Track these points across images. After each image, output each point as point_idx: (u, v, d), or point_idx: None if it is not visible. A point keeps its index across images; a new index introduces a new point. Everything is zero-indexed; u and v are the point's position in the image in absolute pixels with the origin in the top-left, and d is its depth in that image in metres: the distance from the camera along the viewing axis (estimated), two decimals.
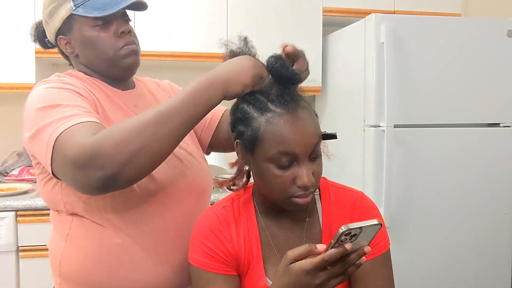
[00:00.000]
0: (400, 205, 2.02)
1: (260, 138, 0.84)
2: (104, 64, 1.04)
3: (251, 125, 0.85)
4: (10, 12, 2.19)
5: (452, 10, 2.61)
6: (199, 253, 0.92)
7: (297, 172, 0.83)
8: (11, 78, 2.20)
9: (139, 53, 1.08)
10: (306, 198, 0.85)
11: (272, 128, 0.82)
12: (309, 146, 0.83)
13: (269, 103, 0.84)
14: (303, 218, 0.95)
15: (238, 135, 0.89)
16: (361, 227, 0.70)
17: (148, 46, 2.30)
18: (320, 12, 2.46)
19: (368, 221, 0.71)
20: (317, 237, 0.94)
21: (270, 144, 0.83)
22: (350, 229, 0.69)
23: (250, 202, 0.97)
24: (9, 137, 2.55)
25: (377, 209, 0.98)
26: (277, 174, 0.84)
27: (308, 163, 0.84)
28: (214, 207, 0.98)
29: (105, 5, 0.98)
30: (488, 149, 2.11)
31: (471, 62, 2.08)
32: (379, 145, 1.98)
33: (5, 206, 1.91)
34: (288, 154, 0.82)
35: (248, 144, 0.86)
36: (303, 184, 0.83)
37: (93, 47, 1.02)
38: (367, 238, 0.73)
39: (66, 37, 1.05)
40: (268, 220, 0.95)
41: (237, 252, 0.92)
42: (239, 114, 0.88)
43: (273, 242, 0.94)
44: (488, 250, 2.13)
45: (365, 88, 2.07)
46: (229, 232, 0.93)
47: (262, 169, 0.85)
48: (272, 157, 0.83)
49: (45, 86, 0.96)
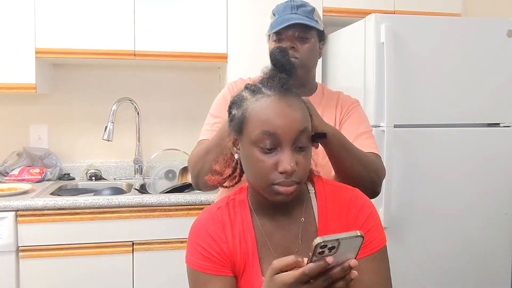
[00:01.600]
0: (400, 205, 2.01)
1: (247, 118, 0.87)
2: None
3: (242, 106, 0.90)
4: (10, 12, 2.19)
5: (452, 10, 2.61)
6: (195, 255, 0.93)
7: (279, 158, 0.84)
8: (11, 78, 2.20)
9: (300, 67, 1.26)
10: (288, 187, 0.85)
11: (258, 108, 0.86)
12: (293, 130, 0.84)
13: (262, 87, 0.89)
14: (299, 217, 0.95)
15: (231, 120, 0.93)
16: (338, 239, 0.66)
17: (148, 46, 2.31)
18: (320, 12, 2.46)
19: (348, 232, 0.68)
20: (313, 236, 0.94)
21: (254, 125, 0.85)
22: (326, 241, 0.66)
23: (245, 202, 0.97)
24: (9, 137, 2.55)
25: (373, 206, 0.97)
26: (260, 158, 0.85)
27: (292, 151, 0.84)
28: (209, 208, 0.99)
29: (276, 25, 1.28)
30: (488, 149, 2.11)
31: (471, 62, 2.08)
32: (379, 145, 1.96)
33: (5, 206, 1.91)
34: (270, 134, 0.83)
35: (237, 127, 0.89)
36: (284, 169, 0.83)
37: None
38: (352, 250, 0.70)
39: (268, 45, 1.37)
40: (264, 220, 0.95)
41: (232, 252, 0.92)
42: (236, 98, 0.93)
43: (269, 241, 0.94)
44: (488, 250, 2.13)
45: (365, 88, 2.07)
46: (224, 232, 0.93)
47: (248, 153, 0.87)
48: (256, 138, 0.85)
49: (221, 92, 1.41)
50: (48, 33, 2.22)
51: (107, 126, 2.39)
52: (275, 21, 1.29)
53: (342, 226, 0.94)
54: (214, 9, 2.35)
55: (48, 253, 1.96)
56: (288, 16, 1.27)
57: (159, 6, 2.31)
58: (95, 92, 2.63)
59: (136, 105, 2.58)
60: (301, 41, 1.28)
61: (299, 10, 1.28)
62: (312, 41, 1.31)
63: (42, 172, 2.42)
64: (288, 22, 1.25)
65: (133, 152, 2.63)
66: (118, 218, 2.01)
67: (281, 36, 1.28)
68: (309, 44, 1.29)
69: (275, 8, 1.34)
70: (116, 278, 2.02)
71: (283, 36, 1.28)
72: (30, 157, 2.49)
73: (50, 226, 1.96)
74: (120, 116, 2.53)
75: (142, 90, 2.67)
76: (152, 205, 2.04)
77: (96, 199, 2.00)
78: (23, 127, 2.57)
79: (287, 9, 1.29)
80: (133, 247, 2.03)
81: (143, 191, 2.27)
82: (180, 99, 2.71)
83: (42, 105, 2.58)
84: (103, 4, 2.26)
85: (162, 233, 2.05)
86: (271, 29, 1.30)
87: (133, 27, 2.29)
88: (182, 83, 2.72)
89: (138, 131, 2.62)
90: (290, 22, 1.25)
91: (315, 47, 1.32)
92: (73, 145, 2.62)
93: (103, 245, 2.01)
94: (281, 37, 1.29)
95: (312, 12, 1.31)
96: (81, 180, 2.54)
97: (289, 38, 1.28)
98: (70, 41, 2.24)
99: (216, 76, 2.73)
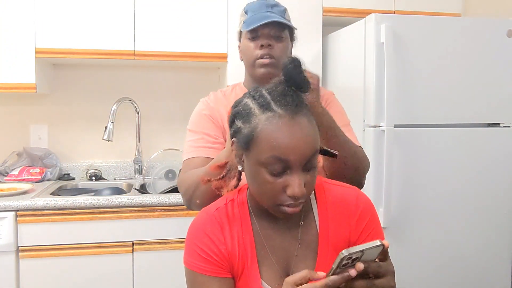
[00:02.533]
0: (400, 205, 2.01)
1: (256, 137, 0.82)
2: (249, 70, 1.32)
3: (250, 121, 0.84)
4: (10, 12, 2.19)
5: (452, 10, 2.61)
6: (193, 256, 0.92)
7: (289, 181, 0.82)
8: (11, 78, 2.20)
9: (276, 66, 1.25)
10: (296, 208, 0.84)
11: (269, 129, 0.81)
12: (304, 156, 0.81)
13: (272, 102, 0.83)
14: (298, 220, 0.94)
15: (235, 132, 0.88)
16: (363, 250, 0.68)
17: (148, 46, 2.31)
18: (320, 12, 2.46)
19: (370, 242, 0.70)
20: (313, 239, 0.93)
21: (264, 147, 0.81)
22: (351, 253, 0.67)
23: (245, 204, 0.96)
24: (9, 137, 2.55)
25: (373, 207, 0.97)
26: (269, 180, 0.82)
27: (301, 173, 0.82)
28: (208, 208, 0.97)
29: (252, 22, 1.26)
30: (488, 149, 2.11)
31: (471, 62, 2.08)
32: (379, 145, 1.98)
33: (5, 206, 1.91)
34: (281, 160, 0.80)
35: (243, 143, 0.85)
36: (294, 194, 0.81)
37: (244, 53, 1.32)
38: (372, 258, 0.72)
39: (240, 43, 1.36)
40: (263, 222, 0.94)
41: (231, 254, 0.91)
42: (241, 108, 0.87)
43: (268, 244, 0.93)
44: (488, 250, 2.13)
45: (365, 88, 2.07)
46: (223, 234, 0.92)
47: (254, 172, 0.84)
48: (265, 161, 0.81)
49: (196, 109, 1.38)
50: (48, 33, 2.22)
51: (107, 126, 2.39)
52: (250, 18, 1.27)
53: (343, 228, 0.94)
54: (214, 9, 2.35)
55: (48, 253, 1.96)
56: (265, 14, 1.26)
57: (159, 6, 2.31)
58: (95, 92, 2.63)
59: (136, 105, 2.58)
60: (276, 40, 1.27)
61: (274, 9, 1.28)
62: (286, 40, 1.31)
63: (42, 172, 2.42)
64: (267, 20, 1.24)
65: (133, 152, 2.63)
66: (118, 218, 2.01)
67: (257, 33, 1.27)
68: (283, 43, 1.29)
69: (246, 6, 1.32)
70: (116, 278, 2.02)
71: (259, 34, 1.27)
72: (30, 157, 2.49)
73: (50, 226, 1.96)
74: (120, 116, 2.53)
75: (142, 90, 2.67)
76: (152, 205, 2.04)
77: (96, 199, 2.00)
78: (23, 127, 2.57)
79: (263, 8, 1.28)
80: (133, 247, 2.03)
81: (143, 191, 2.27)
82: (180, 99, 2.71)
83: (42, 105, 2.58)
84: (103, 4, 2.26)
85: (162, 233, 2.05)
86: (246, 26, 1.27)
87: (133, 27, 2.29)
88: (182, 83, 2.71)
89: (138, 131, 2.62)
90: (269, 20, 1.24)
91: (288, 46, 1.33)
92: (73, 145, 2.62)
93: (103, 245, 2.01)
94: (256, 34, 1.27)
95: (284, 12, 1.31)
96: (81, 180, 2.54)
97: (265, 36, 1.26)
98: (70, 41, 2.24)
99: (216, 76, 2.73)
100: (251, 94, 0.88)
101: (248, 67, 1.32)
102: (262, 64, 1.27)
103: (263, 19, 1.25)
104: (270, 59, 1.26)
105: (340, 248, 0.92)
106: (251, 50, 1.28)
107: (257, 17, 1.26)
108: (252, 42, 1.28)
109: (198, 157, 1.26)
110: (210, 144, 1.28)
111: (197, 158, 1.26)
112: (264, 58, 1.26)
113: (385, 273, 0.75)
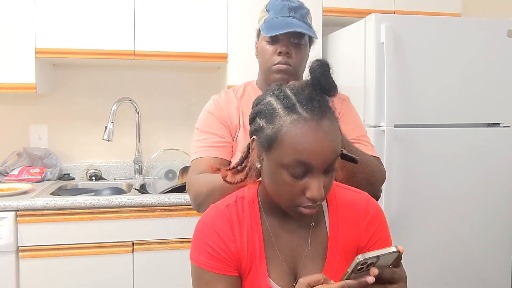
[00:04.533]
0: (400, 205, 2.02)
1: (280, 139, 0.81)
2: (264, 72, 1.31)
3: (274, 122, 0.82)
4: (10, 12, 2.19)
5: (452, 10, 2.61)
6: (200, 253, 0.91)
7: (309, 184, 0.82)
8: (11, 78, 2.20)
9: (292, 73, 1.27)
10: (313, 209, 0.85)
11: (294, 133, 0.80)
12: (326, 161, 0.81)
13: (297, 104, 0.82)
14: (308, 221, 0.94)
15: (257, 130, 0.87)
16: (378, 256, 0.69)
17: (148, 46, 2.31)
18: (320, 12, 2.46)
19: (386, 248, 0.70)
20: (323, 240, 0.94)
21: (288, 150, 0.80)
22: (367, 258, 0.68)
23: (255, 202, 0.95)
24: (9, 137, 2.55)
25: (382, 212, 0.98)
26: (289, 181, 0.82)
27: (321, 176, 0.82)
28: (217, 205, 0.96)
29: (273, 28, 1.24)
30: (488, 149, 2.11)
31: (471, 62, 2.08)
32: (379, 145, 1.98)
33: (5, 206, 1.91)
34: (304, 164, 0.80)
35: (265, 142, 0.84)
36: (313, 197, 0.81)
37: (261, 55, 1.31)
38: (384, 264, 0.73)
39: (257, 42, 1.35)
40: (273, 221, 0.94)
41: (239, 252, 0.91)
42: (264, 107, 0.86)
43: (277, 243, 0.93)
44: (488, 250, 2.13)
45: (365, 88, 2.07)
46: (232, 231, 0.91)
47: (274, 172, 0.84)
48: (287, 164, 0.81)
49: (205, 107, 1.37)
50: (48, 33, 2.22)
51: (107, 126, 2.39)
52: (272, 21, 1.24)
53: (352, 232, 0.94)
54: (214, 9, 2.35)
55: (48, 253, 1.96)
56: (288, 20, 1.23)
57: (159, 6, 2.31)
58: (95, 92, 2.63)
59: (136, 105, 2.58)
60: (295, 47, 1.26)
61: (297, 14, 1.25)
62: (305, 48, 1.29)
63: (42, 172, 2.42)
64: (290, 29, 1.21)
65: (133, 152, 2.63)
66: (118, 218, 2.01)
67: (277, 38, 1.25)
68: (302, 50, 1.28)
69: (269, 3, 1.29)
70: (116, 278, 2.02)
71: (279, 38, 1.25)
72: (30, 157, 2.49)
73: (50, 226, 1.96)
74: (120, 116, 2.53)
75: (142, 90, 2.67)
76: (152, 205, 2.04)
77: (96, 199, 2.00)
78: (23, 127, 2.57)
79: (285, 11, 1.25)
80: (133, 247, 2.03)
81: (143, 191, 2.27)
82: (180, 99, 2.71)
83: (42, 105, 2.58)
84: (103, 4, 2.26)
85: (162, 233, 2.05)
86: (266, 30, 1.25)
87: (133, 27, 2.29)
88: (182, 83, 2.71)
89: (138, 131, 2.62)
90: (292, 30, 1.21)
91: (307, 53, 1.31)
92: (73, 145, 2.62)
93: (103, 245, 2.01)
94: (276, 39, 1.25)
95: (307, 15, 1.29)
96: (81, 180, 2.54)
97: (285, 43, 1.25)
98: (70, 41, 2.24)
99: (216, 76, 2.73)
100: (275, 93, 0.86)
101: (263, 69, 1.31)
102: (279, 70, 1.25)
103: (284, 27, 1.22)
104: (287, 66, 1.25)
105: (349, 251, 0.93)
106: (268, 54, 1.26)
107: (278, 23, 1.23)
108: (271, 46, 1.26)
109: (206, 157, 1.27)
110: (217, 144, 1.28)
111: (205, 158, 1.27)
112: (281, 64, 1.25)
113: (399, 280, 0.77)
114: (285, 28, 1.21)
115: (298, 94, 0.84)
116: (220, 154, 1.27)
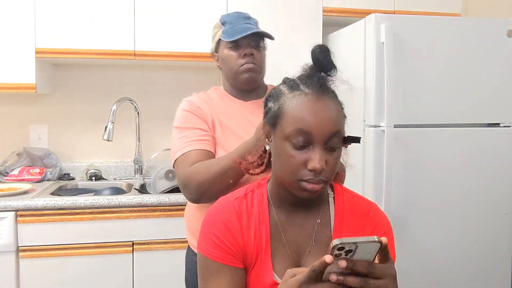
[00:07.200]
0: (400, 205, 2.01)
1: (282, 113, 0.88)
2: (231, 77, 1.39)
3: (279, 100, 0.90)
4: (10, 12, 2.19)
5: (452, 10, 2.61)
6: (208, 243, 0.93)
7: (310, 155, 0.85)
8: (11, 78, 2.20)
9: (258, 72, 1.38)
10: (315, 185, 0.86)
11: (295, 104, 0.86)
12: (326, 131, 0.84)
13: (300, 84, 0.89)
14: (315, 218, 0.96)
15: (266, 113, 0.94)
16: (356, 243, 0.66)
17: (148, 46, 2.31)
18: (320, 12, 2.46)
19: (367, 237, 0.67)
20: (326, 239, 0.94)
21: (289, 120, 0.86)
22: (344, 243, 0.66)
23: (264, 196, 0.97)
24: (9, 137, 2.55)
25: (389, 222, 0.99)
26: (291, 153, 0.86)
27: (323, 150, 0.85)
28: (227, 197, 0.99)
29: (234, 33, 1.35)
30: (488, 149, 2.11)
31: (471, 62, 2.08)
32: (379, 145, 1.98)
33: (5, 206, 1.91)
34: (304, 133, 0.84)
35: (271, 119, 0.90)
36: (313, 167, 0.84)
37: (226, 62, 1.39)
38: (369, 255, 0.69)
39: (217, 54, 1.44)
40: (281, 215, 0.96)
41: (246, 244, 0.92)
42: (273, 91, 0.94)
43: (283, 237, 0.94)
44: (488, 250, 2.13)
45: (365, 88, 2.07)
46: (240, 223, 0.93)
47: (279, 147, 0.88)
48: (289, 134, 0.85)
49: (181, 107, 1.43)
50: (48, 33, 2.22)
51: (107, 126, 2.39)
52: (232, 29, 1.35)
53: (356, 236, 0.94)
54: (214, 9, 2.35)
55: (48, 253, 1.96)
56: (246, 26, 1.35)
57: (159, 6, 2.31)
58: (95, 92, 2.63)
59: (136, 105, 2.58)
60: (256, 49, 1.37)
61: (251, 21, 1.40)
62: (264, 49, 1.42)
63: (42, 172, 2.42)
64: (250, 31, 1.33)
65: (133, 152, 2.63)
66: (118, 218, 2.01)
67: (238, 44, 1.36)
68: (262, 52, 1.40)
69: (222, 18, 1.42)
70: (116, 278, 2.02)
71: (240, 44, 1.36)
72: (30, 157, 2.49)
73: (50, 226, 1.96)
74: (120, 116, 2.53)
75: (142, 90, 2.67)
76: (152, 205, 2.04)
77: (96, 199, 2.00)
78: (23, 127, 2.57)
79: (240, 19, 1.38)
80: (133, 247, 2.03)
81: (143, 191, 2.27)
82: (180, 99, 2.67)
83: (42, 105, 2.58)
84: (103, 4, 2.26)
85: (162, 233, 2.05)
86: (229, 37, 1.35)
87: (133, 27, 2.29)
88: (182, 83, 2.71)
89: (138, 131, 2.62)
90: (252, 31, 1.33)
91: (265, 54, 1.43)
92: (73, 145, 2.62)
93: (103, 245, 2.01)
94: (237, 44, 1.36)
95: (258, 23, 1.43)
96: (81, 180, 2.54)
97: (246, 46, 1.35)
98: (70, 41, 2.24)
99: (216, 76, 2.72)
100: (284, 80, 0.94)
101: (230, 74, 1.40)
102: (247, 69, 1.35)
103: (245, 30, 1.34)
104: (254, 64, 1.36)
105: None
106: (234, 59, 1.36)
107: (238, 29, 1.35)
108: (234, 52, 1.36)
109: (195, 150, 1.29)
110: (202, 137, 1.32)
111: (194, 151, 1.29)
112: (249, 63, 1.36)
113: (382, 275, 0.71)
114: (246, 31, 1.34)
115: (301, 76, 0.92)
116: (207, 147, 1.31)
